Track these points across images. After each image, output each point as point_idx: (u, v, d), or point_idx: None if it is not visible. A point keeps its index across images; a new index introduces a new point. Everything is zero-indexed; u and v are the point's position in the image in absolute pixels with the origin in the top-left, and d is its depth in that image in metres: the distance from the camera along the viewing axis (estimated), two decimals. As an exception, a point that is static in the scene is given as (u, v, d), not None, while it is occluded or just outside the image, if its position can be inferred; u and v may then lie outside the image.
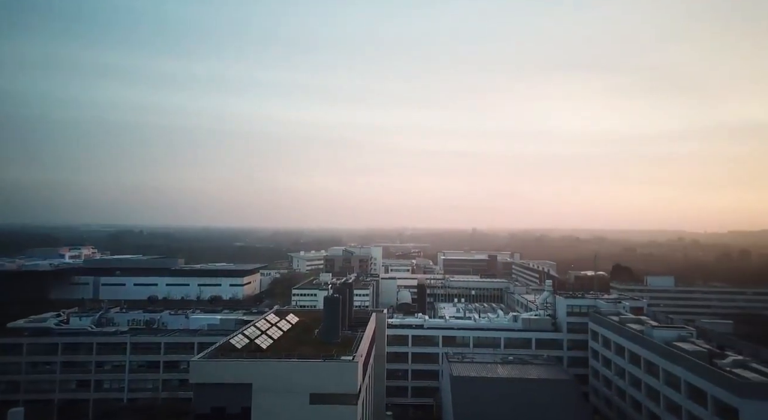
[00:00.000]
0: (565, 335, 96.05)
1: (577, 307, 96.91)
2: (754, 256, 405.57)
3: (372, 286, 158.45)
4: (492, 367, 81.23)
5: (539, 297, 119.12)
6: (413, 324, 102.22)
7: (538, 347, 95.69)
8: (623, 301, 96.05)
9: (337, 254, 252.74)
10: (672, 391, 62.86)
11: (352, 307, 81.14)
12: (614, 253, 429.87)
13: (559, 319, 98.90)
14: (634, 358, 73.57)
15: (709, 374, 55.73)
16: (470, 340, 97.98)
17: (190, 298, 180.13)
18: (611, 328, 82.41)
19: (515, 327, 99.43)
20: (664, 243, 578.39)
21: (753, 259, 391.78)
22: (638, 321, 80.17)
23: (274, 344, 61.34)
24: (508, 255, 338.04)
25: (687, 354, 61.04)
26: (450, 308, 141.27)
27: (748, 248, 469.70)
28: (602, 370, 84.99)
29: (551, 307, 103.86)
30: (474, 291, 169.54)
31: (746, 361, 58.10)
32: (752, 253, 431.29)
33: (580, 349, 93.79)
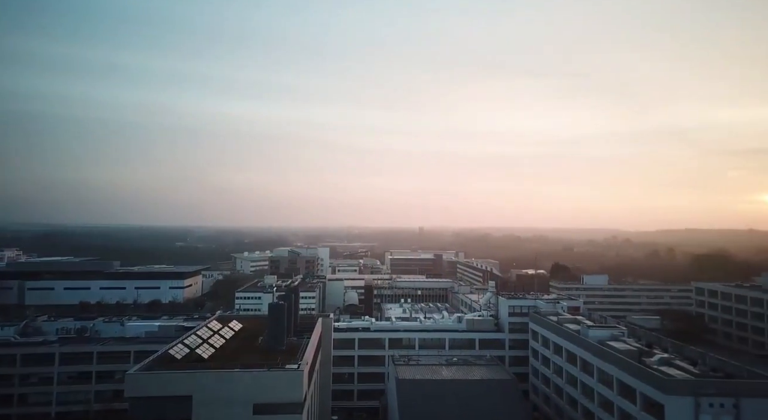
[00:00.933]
0: (507, 335, 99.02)
1: (518, 307, 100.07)
2: (679, 254, 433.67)
3: (319, 287, 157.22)
4: (437, 369, 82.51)
5: (483, 297, 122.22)
6: (360, 327, 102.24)
7: (481, 347, 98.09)
8: (561, 302, 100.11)
9: (282, 255, 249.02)
10: (605, 389, 66.11)
11: (297, 312, 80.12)
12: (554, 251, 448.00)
13: (502, 319, 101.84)
14: (571, 357, 76.83)
15: (638, 372, 58.98)
16: (416, 341, 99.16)
17: (127, 302, 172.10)
18: (550, 328, 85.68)
19: (459, 328, 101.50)
20: (599, 241, 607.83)
21: (678, 257, 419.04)
22: (575, 321, 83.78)
23: (216, 353, 59.56)
24: (453, 254, 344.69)
25: (618, 353, 64.33)
26: (396, 309, 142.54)
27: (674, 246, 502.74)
28: (541, 369, 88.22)
29: (494, 308, 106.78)
30: (420, 291, 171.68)
31: (671, 358, 61.98)
32: (677, 250, 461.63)
33: (521, 349, 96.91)
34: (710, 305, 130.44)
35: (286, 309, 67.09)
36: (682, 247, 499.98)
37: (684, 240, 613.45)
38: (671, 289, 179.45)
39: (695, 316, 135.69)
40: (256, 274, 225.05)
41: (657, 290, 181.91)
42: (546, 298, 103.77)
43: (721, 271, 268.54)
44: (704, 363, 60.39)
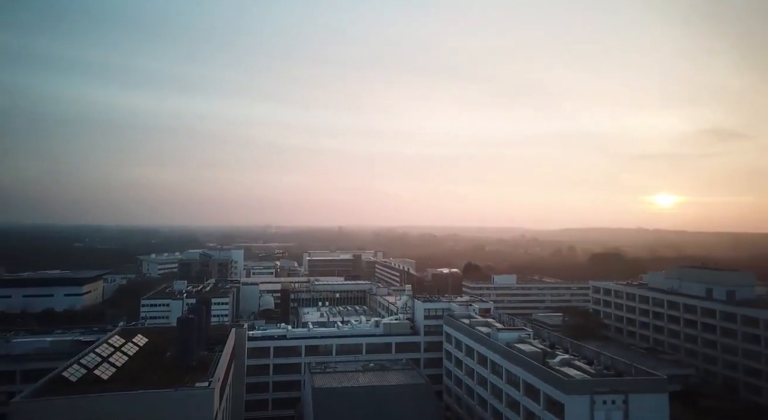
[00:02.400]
0: (423, 338, 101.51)
1: (433, 310, 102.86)
2: (580, 252, 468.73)
3: (232, 292, 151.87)
4: (353, 376, 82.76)
5: (399, 300, 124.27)
6: (275, 335, 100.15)
7: (397, 351, 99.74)
8: (474, 304, 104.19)
9: (193, 257, 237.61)
10: (512, 389, 69.74)
11: (209, 324, 76.86)
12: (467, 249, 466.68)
13: (417, 322, 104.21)
14: (482, 359, 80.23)
15: (542, 373, 62.80)
16: (333, 347, 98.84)
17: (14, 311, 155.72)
18: (463, 330, 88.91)
19: (377, 332, 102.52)
20: (509, 240, 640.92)
21: (578, 254, 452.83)
22: (486, 323, 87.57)
23: (118, 374, 55.59)
24: (372, 254, 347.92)
25: (524, 355, 68.11)
26: (314, 313, 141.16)
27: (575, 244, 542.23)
28: (454, 370, 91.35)
29: (410, 311, 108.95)
30: (339, 294, 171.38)
31: (571, 359, 66.62)
32: (578, 248, 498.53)
33: (435, 351, 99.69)
34: (605, 302, 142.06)
35: (197, 322, 64.13)
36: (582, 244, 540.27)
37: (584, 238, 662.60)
38: (572, 287, 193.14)
39: (592, 312, 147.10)
40: (164, 278, 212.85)
41: (559, 288, 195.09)
42: (459, 301, 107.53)
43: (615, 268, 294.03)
44: (599, 362, 65.52)
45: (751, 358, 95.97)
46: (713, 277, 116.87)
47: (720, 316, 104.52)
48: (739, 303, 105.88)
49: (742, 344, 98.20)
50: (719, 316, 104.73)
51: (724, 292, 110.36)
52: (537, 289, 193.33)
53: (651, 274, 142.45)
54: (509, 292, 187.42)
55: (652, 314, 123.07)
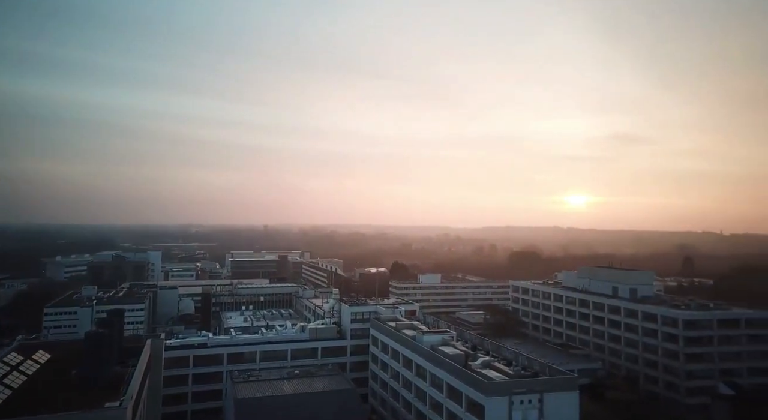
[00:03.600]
0: (349, 342, 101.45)
1: (360, 314, 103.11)
2: (500, 250, 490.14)
3: (148, 297, 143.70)
4: (278, 384, 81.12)
5: (326, 303, 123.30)
6: (195, 343, 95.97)
7: (324, 355, 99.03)
8: (400, 306, 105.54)
9: (105, 260, 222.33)
10: (436, 392, 71.34)
11: (122, 336, 72.16)
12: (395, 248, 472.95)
13: (344, 326, 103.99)
14: (407, 362, 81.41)
15: (464, 376, 64.77)
16: (257, 355, 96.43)
17: None
18: (389, 334, 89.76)
19: (303, 337, 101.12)
20: (434, 238, 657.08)
21: (499, 252, 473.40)
22: (411, 326, 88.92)
23: (15, 396, 50.74)
24: (298, 254, 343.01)
25: (448, 358, 69.89)
26: (237, 318, 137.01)
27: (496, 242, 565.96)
28: (380, 374, 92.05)
29: (337, 315, 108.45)
30: (263, 297, 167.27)
31: (491, 361, 69.25)
32: (498, 247, 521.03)
33: (362, 354, 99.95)
34: (523, 301, 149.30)
35: (108, 337, 59.91)
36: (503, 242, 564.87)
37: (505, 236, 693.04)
38: (492, 286, 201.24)
39: (511, 310, 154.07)
40: (71, 282, 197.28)
41: (481, 287, 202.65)
42: (386, 304, 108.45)
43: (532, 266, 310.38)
44: (517, 363, 68.64)
45: (650, 351, 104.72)
46: (618, 276, 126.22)
47: (624, 312, 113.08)
48: (640, 300, 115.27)
49: (643, 338, 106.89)
50: (623, 313, 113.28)
51: (628, 290, 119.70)
52: (460, 288, 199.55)
53: (564, 273, 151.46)
54: (434, 291, 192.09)
55: (565, 312, 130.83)
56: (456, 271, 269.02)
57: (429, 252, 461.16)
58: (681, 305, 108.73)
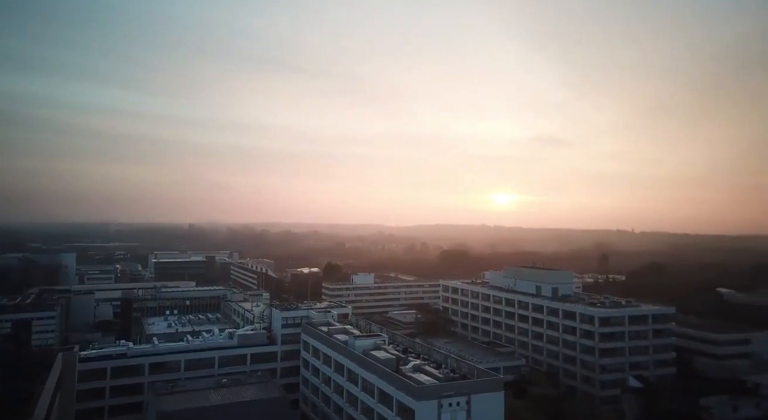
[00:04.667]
0: (280, 347, 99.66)
1: (291, 318, 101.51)
2: (431, 248, 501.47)
3: (60, 304, 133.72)
4: (204, 395, 78.18)
5: (257, 307, 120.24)
6: (113, 354, 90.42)
7: (253, 362, 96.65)
8: (332, 310, 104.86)
9: (10, 263, 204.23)
10: (367, 397, 71.56)
11: (29, 350, 66.63)
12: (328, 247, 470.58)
13: (275, 331, 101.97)
14: (339, 367, 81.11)
15: (395, 380, 65.47)
16: (182, 363, 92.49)
17: None
18: (320, 339, 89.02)
19: (231, 344, 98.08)
20: (368, 237, 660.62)
21: (430, 250, 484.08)
22: (344, 331, 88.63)
23: None
24: (227, 254, 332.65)
25: (379, 363, 70.34)
26: (161, 324, 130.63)
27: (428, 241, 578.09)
28: (311, 379, 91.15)
29: (268, 320, 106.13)
30: (189, 301, 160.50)
31: (422, 364, 70.43)
32: (430, 245, 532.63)
33: (293, 359, 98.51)
34: (452, 300, 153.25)
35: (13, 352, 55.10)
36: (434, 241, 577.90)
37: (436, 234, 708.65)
38: (424, 285, 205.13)
39: (442, 309, 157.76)
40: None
41: (413, 286, 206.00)
42: (318, 308, 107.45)
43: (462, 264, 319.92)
44: (447, 365, 70.32)
45: (569, 347, 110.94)
46: (541, 275, 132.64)
47: (546, 311, 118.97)
48: (561, 299, 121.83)
49: (563, 335, 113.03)
50: (545, 311, 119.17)
51: (550, 289, 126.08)
52: (393, 288, 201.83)
53: (491, 273, 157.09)
54: (367, 291, 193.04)
55: (492, 311, 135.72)
56: (389, 270, 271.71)
57: (362, 250, 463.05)
58: (597, 303, 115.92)
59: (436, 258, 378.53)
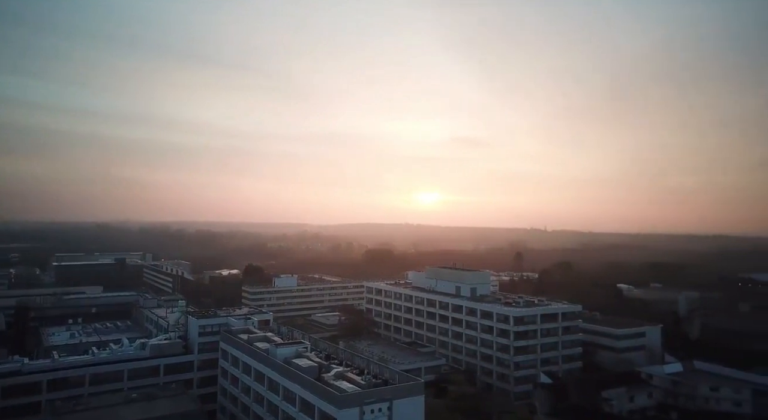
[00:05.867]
0: (196, 356, 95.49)
1: (209, 326, 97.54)
2: (356, 247, 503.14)
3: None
4: (112, 411, 72.94)
5: (172, 314, 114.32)
6: (4, 371, 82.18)
7: (167, 373, 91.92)
8: (252, 317, 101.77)
9: None
10: (289, 406, 70.31)
11: None
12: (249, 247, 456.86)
13: (191, 340, 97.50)
14: (259, 376, 79.00)
15: (316, 389, 64.83)
16: (86, 378, 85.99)
17: None
18: (240, 347, 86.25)
19: (143, 355, 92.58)
20: (291, 236, 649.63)
21: (355, 249, 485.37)
22: (265, 338, 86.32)
23: None
24: (139, 256, 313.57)
25: (301, 371, 69.31)
26: (63, 334, 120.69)
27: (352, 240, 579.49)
28: (230, 388, 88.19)
29: (183, 328, 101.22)
30: (96, 308, 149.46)
31: (345, 371, 70.18)
32: (354, 244, 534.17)
33: (211, 368, 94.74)
34: (376, 301, 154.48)
35: None
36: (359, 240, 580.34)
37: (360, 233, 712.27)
38: (348, 286, 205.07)
39: (365, 311, 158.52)
40: None
41: (337, 288, 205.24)
42: (238, 315, 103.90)
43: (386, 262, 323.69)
44: (369, 371, 70.61)
45: (486, 345, 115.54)
46: (460, 276, 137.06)
47: (465, 311, 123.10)
48: (479, 299, 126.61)
49: (480, 334, 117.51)
50: (464, 311, 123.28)
51: (469, 289, 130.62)
52: (317, 290, 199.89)
53: (413, 273, 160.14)
54: (290, 294, 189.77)
55: (414, 311, 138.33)
56: (313, 271, 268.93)
57: (286, 251, 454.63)
58: (512, 303, 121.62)
59: (360, 257, 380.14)
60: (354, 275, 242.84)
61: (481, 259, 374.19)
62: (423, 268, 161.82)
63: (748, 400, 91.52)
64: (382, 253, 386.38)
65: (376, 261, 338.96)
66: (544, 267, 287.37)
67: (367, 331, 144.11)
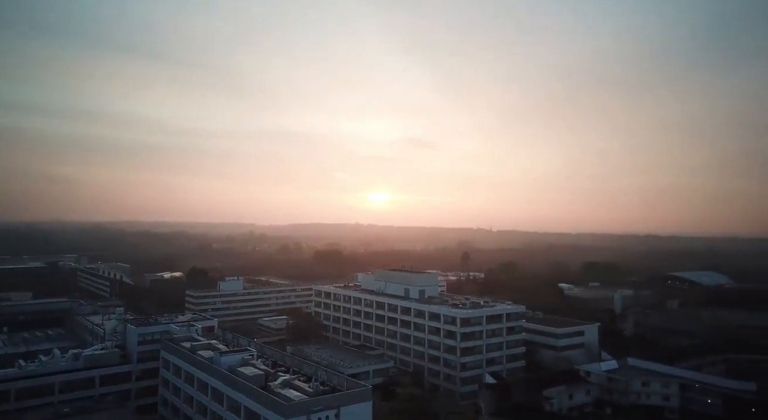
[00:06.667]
0: (135, 366, 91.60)
1: (149, 334, 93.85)
2: (305, 248, 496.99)
3: None
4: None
5: (109, 321, 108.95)
6: None
7: (103, 384, 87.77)
8: (196, 323, 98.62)
9: None
10: (233, 416, 68.63)
11: None
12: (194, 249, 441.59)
13: (130, 349, 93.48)
14: (202, 385, 76.63)
15: (262, 398, 63.55)
16: (12, 393, 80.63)
17: None
18: (182, 356, 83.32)
19: (76, 366, 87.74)
20: (238, 237, 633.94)
21: (304, 250, 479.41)
22: (209, 346, 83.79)
23: None
24: (73, 259, 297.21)
25: (246, 380, 67.78)
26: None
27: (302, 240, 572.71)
28: (171, 399, 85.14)
29: (121, 337, 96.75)
30: (24, 316, 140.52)
31: (291, 379, 69.20)
32: (304, 245, 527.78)
33: (152, 378, 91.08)
34: (324, 305, 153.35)
35: None
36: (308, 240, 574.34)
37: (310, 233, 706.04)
38: (296, 289, 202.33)
39: (314, 314, 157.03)
40: None
41: (285, 291, 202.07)
42: (180, 321, 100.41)
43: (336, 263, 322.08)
44: (317, 378, 69.96)
45: (433, 347, 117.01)
46: (409, 278, 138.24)
47: (414, 313, 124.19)
48: (427, 300, 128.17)
49: (428, 336, 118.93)
50: (413, 313, 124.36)
51: (417, 292, 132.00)
52: (264, 294, 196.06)
53: (363, 276, 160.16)
54: (236, 298, 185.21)
55: (363, 314, 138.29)
56: (261, 273, 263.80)
57: (232, 252, 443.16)
58: (459, 304, 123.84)
59: (310, 258, 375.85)
60: (303, 277, 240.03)
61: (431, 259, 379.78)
62: (373, 269, 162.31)
63: (675, 394, 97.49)
64: (332, 253, 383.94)
65: (326, 262, 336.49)
66: (489, 267, 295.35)
67: (316, 334, 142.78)
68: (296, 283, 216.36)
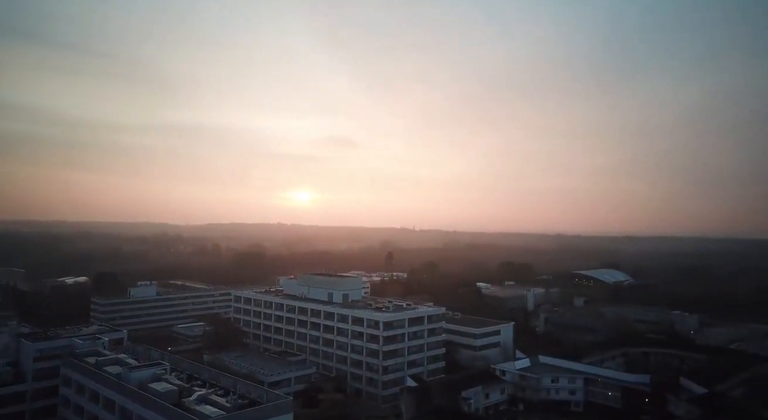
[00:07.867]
0: (31, 385, 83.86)
1: (48, 350, 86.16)
2: (224, 249, 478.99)
3: None
4: None
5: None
6: None
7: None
8: (102, 336, 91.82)
9: None
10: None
11: None
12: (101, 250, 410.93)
13: (24, 366, 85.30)
14: (109, 403, 71.53)
15: (175, 415, 60.41)
16: None
17: None
18: (86, 373, 77.31)
19: (-42, 389, 78.70)
20: (151, 237, 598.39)
21: (223, 252, 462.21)
22: (117, 361, 78.31)
23: None
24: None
25: (157, 396, 64.08)
26: None
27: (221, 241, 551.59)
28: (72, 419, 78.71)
29: (13, 353, 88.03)
30: None
31: (208, 393, 66.26)
32: (223, 246, 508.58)
33: (49, 398, 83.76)
34: (245, 311, 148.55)
35: None
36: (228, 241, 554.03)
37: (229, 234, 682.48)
38: (215, 294, 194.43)
39: (233, 320, 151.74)
40: None
41: (202, 296, 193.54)
42: (84, 335, 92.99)
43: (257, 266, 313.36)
44: (236, 391, 67.58)
45: (356, 351, 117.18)
46: (332, 283, 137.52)
47: (337, 317, 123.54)
48: (351, 305, 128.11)
49: (351, 340, 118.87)
50: (336, 318, 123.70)
51: (341, 296, 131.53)
52: (179, 299, 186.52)
53: (285, 280, 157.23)
54: (149, 305, 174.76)
55: (285, 320, 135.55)
56: (176, 277, 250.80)
57: (144, 254, 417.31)
58: (382, 307, 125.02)
59: (229, 261, 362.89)
60: (222, 281, 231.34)
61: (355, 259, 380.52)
62: (296, 272, 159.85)
63: (581, 389, 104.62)
64: (253, 255, 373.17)
65: (247, 264, 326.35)
66: (412, 266, 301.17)
67: (236, 341, 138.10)
68: (215, 287, 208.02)
